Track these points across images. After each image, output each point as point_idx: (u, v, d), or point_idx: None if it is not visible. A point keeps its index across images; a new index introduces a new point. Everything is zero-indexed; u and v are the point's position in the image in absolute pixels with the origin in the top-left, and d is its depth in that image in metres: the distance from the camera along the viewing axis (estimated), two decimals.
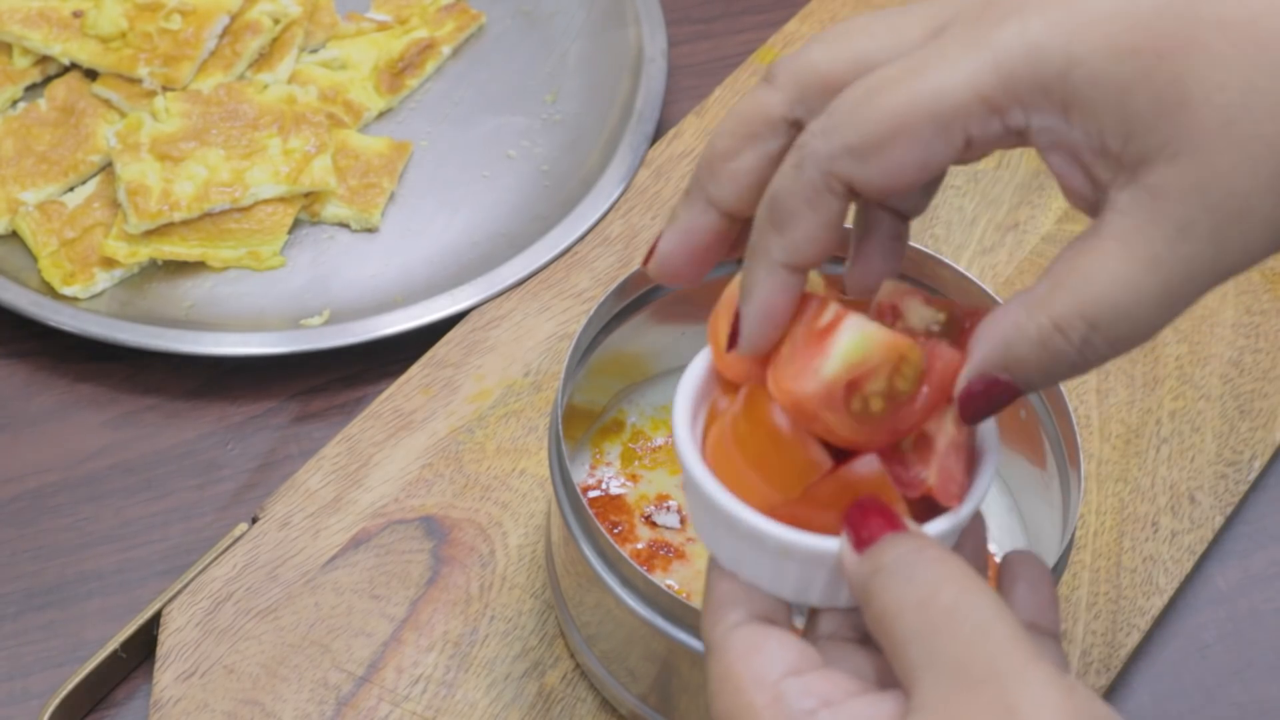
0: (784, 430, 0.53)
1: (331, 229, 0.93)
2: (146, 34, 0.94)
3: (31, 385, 0.86)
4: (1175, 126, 0.48)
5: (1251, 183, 0.48)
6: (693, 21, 1.04)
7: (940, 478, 0.53)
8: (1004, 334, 0.51)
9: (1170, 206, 0.49)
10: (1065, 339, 0.50)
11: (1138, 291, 0.49)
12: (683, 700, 0.70)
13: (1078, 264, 0.50)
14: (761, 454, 0.53)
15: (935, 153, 0.51)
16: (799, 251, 0.53)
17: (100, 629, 0.77)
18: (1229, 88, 0.48)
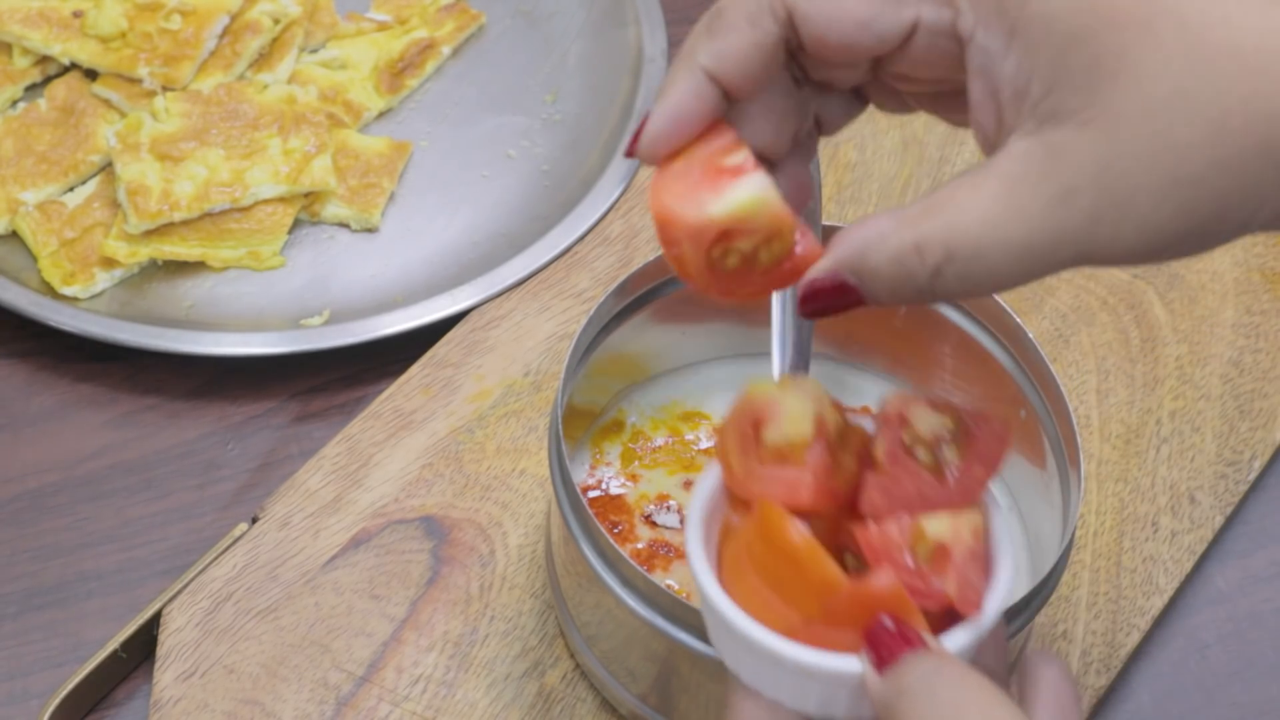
0: (801, 550, 0.53)
1: (331, 229, 0.93)
2: (146, 34, 0.94)
3: (31, 385, 0.86)
4: (1098, 95, 0.49)
5: (1143, 178, 0.49)
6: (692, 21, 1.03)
7: (960, 588, 0.53)
8: (865, 240, 0.51)
9: (1062, 168, 0.49)
10: (920, 261, 0.50)
11: (1002, 238, 0.49)
12: (683, 700, 0.70)
13: (956, 194, 0.50)
14: (778, 574, 0.53)
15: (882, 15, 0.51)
16: (723, 60, 0.53)
17: (100, 629, 0.77)
18: (1161, 81, 0.48)
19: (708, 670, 0.67)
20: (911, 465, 0.55)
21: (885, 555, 0.53)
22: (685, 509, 0.56)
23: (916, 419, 0.55)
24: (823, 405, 0.56)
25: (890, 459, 0.55)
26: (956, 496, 0.54)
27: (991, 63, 0.51)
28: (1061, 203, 0.49)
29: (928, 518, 0.54)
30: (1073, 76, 0.49)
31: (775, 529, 0.53)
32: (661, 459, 0.79)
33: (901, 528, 0.54)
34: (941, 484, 0.54)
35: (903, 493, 0.54)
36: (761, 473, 0.56)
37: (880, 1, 0.52)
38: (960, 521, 0.54)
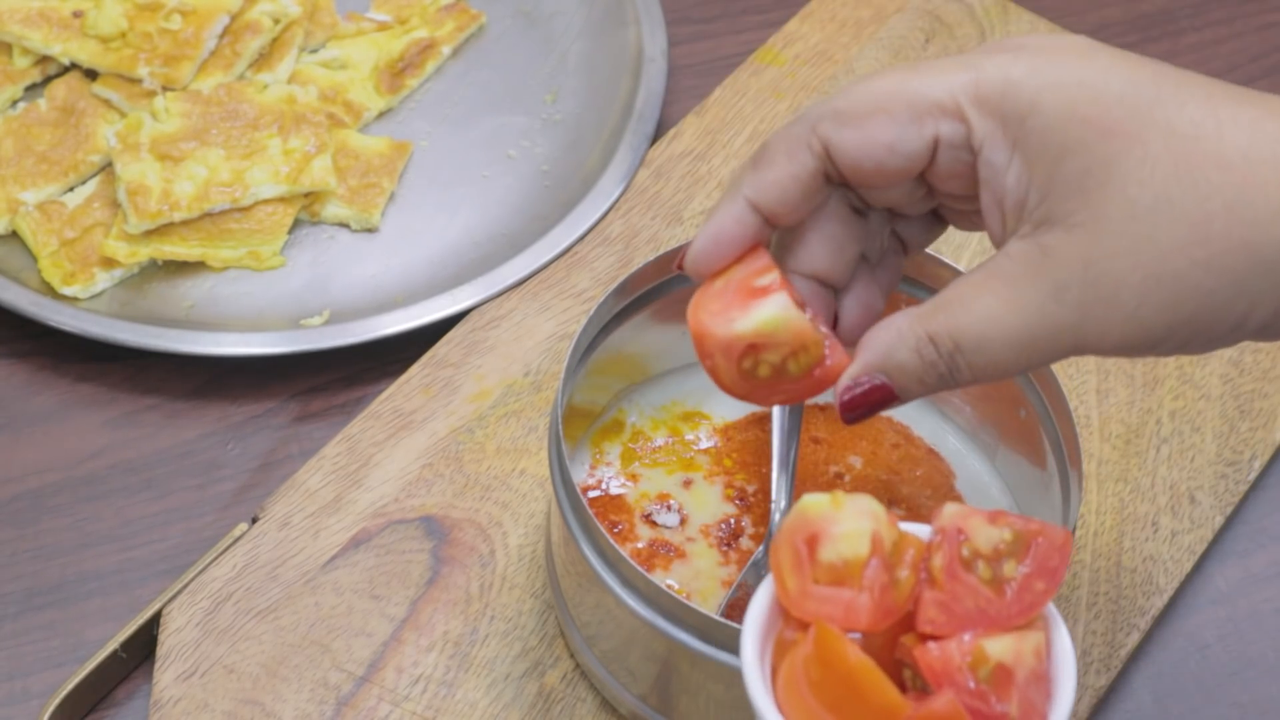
0: (860, 674, 0.52)
1: (331, 229, 0.93)
2: (146, 34, 0.94)
3: (31, 385, 0.86)
4: (1088, 201, 0.54)
5: (1128, 276, 0.53)
6: (693, 21, 1.04)
7: (1023, 710, 0.53)
8: (886, 340, 0.57)
9: (1053, 267, 0.54)
10: (936, 351, 0.56)
11: (1003, 331, 0.55)
12: (683, 700, 0.70)
13: (962, 291, 0.56)
14: (837, 697, 0.53)
15: (906, 137, 0.56)
16: (764, 191, 0.58)
17: (100, 629, 0.77)
18: (1147, 188, 0.53)
19: (708, 670, 0.67)
20: (971, 581, 0.55)
21: (946, 677, 0.53)
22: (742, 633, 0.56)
23: (974, 532, 0.55)
24: (879, 522, 0.55)
25: (949, 575, 0.55)
26: (1016, 612, 0.54)
27: (995, 175, 0.56)
28: (1053, 299, 0.54)
29: (989, 638, 0.54)
30: (1065, 185, 0.54)
31: (833, 652, 0.53)
32: (661, 459, 0.79)
33: (962, 648, 0.54)
34: (1001, 600, 0.54)
35: (962, 610, 0.54)
36: (817, 593, 0.55)
37: (903, 124, 0.57)
38: (1023, 642, 0.54)
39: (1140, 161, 0.53)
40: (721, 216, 0.59)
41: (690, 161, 0.94)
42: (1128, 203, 0.53)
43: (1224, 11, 1.06)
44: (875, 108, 0.57)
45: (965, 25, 1.01)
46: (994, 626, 0.54)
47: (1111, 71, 0.55)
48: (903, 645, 0.55)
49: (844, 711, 0.53)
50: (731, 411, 0.80)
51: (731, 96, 0.97)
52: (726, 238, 0.59)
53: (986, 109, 0.55)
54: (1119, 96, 0.54)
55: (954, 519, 0.56)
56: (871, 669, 0.52)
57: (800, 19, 1.02)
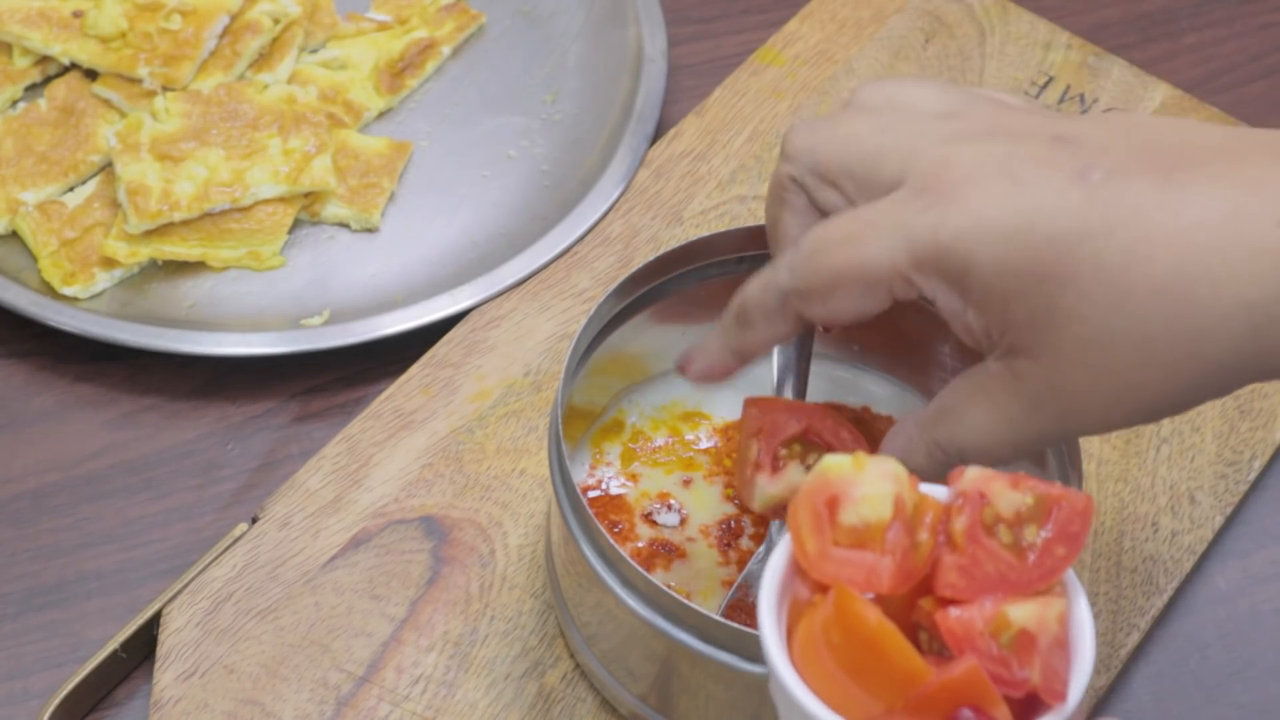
0: (883, 638, 0.52)
1: (331, 229, 0.93)
2: (146, 34, 0.94)
3: (31, 385, 0.86)
4: (1041, 337, 0.58)
5: (1090, 393, 0.58)
6: (693, 21, 1.04)
7: (1045, 676, 0.53)
8: (901, 448, 0.63)
9: (1027, 388, 0.60)
10: (945, 455, 0.62)
11: (996, 439, 0.61)
12: (683, 700, 0.70)
13: (956, 401, 0.62)
14: (858, 662, 0.53)
15: (866, 303, 0.62)
16: (750, 347, 0.67)
17: (100, 629, 0.77)
18: (1089, 322, 0.57)
19: (708, 670, 0.67)
20: (992, 545, 0.54)
21: (968, 642, 0.53)
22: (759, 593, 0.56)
23: (996, 496, 0.55)
24: (901, 484, 0.55)
25: (970, 539, 0.55)
26: (1038, 577, 0.54)
27: (957, 315, 0.60)
28: (1033, 411, 0.60)
29: (1012, 604, 0.53)
30: (1018, 326, 0.58)
31: (854, 615, 0.53)
32: (662, 459, 0.79)
33: (985, 613, 0.53)
34: (1023, 564, 0.54)
35: (983, 574, 0.54)
36: (837, 555, 0.55)
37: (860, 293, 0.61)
38: (1046, 608, 0.53)
39: (1077, 299, 0.57)
40: (713, 363, 0.68)
41: (690, 161, 0.94)
42: (1075, 338, 0.57)
43: (1224, 11, 1.06)
44: (832, 285, 0.61)
45: (965, 25, 1.01)
46: (1014, 591, 0.54)
47: (1037, 210, 0.57)
48: (921, 609, 0.55)
49: (863, 674, 0.53)
50: (732, 411, 0.80)
51: (731, 96, 0.97)
52: (719, 377, 0.69)
53: (927, 272, 0.59)
54: (1047, 238, 0.57)
55: (975, 482, 0.55)
56: (893, 633, 0.52)
57: (800, 19, 1.02)
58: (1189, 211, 0.56)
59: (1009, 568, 0.54)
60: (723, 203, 0.93)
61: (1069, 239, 0.57)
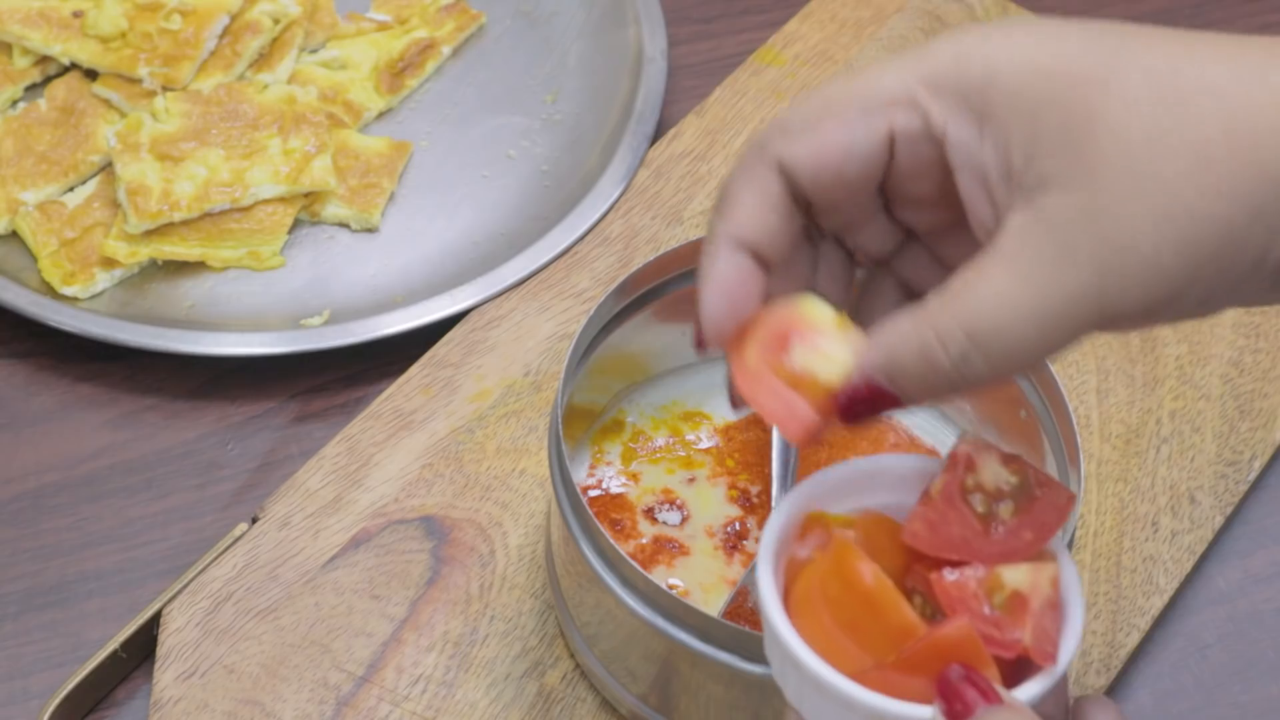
0: (877, 593, 0.53)
1: (331, 229, 0.93)
2: (146, 34, 0.94)
3: (31, 385, 0.86)
4: (1077, 154, 0.50)
5: (1139, 221, 0.49)
6: (693, 21, 1.04)
7: (1036, 637, 0.53)
8: (889, 343, 0.53)
9: (1057, 230, 0.50)
10: (944, 351, 0.51)
11: (1016, 310, 0.50)
12: (683, 700, 0.70)
13: (966, 279, 0.51)
14: (851, 616, 0.53)
15: (859, 137, 0.53)
16: (740, 226, 0.55)
17: (100, 629, 0.77)
18: (1135, 127, 0.49)
19: (708, 670, 0.67)
20: (963, 510, 0.55)
21: (961, 603, 0.53)
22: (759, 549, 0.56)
23: (983, 466, 0.55)
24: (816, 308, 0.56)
25: (944, 497, 0.55)
26: (996, 553, 0.54)
27: (970, 154, 0.52)
28: (1065, 262, 0.50)
29: (1006, 567, 0.54)
30: (1048, 143, 0.50)
31: (850, 570, 0.53)
32: (662, 459, 0.79)
33: (979, 575, 0.54)
34: (984, 536, 0.54)
35: (946, 532, 0.54)
36: (771, 382, 0.55)
37: (853, 124, 0.53)
38: (1039, 571, 0.54)
39: (1121, 101, 0.50)
40: (714, 272, 0.55)
41: (690, 161, 0.94)
42: (1119, 144, 0.50)
43: (1224, 11, 1.06)
44: (822, 113, 0.54)
45: (965, 25, 1.01)
46: (971, 556, 0.54)
47: (1065, 29, 0.52)
48: (916, 571, 0.55)
49: (858, 630, 0.53)
50: (732, 412, 0.80)
51: (731, 96, 0.97)
52: (729, 288, 0.55)
53: (942, 89, 0.52)
54: (1080, 47, 0.51)
55: (968, 447, 0.56)
56: (888, 588, 0.53)
57: (800, 19, 1.02)
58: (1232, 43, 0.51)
59: (973, 534, 0.54)
60: None
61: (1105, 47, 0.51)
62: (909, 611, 0.53)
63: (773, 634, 0.55)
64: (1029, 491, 0.55)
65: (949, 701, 0.51)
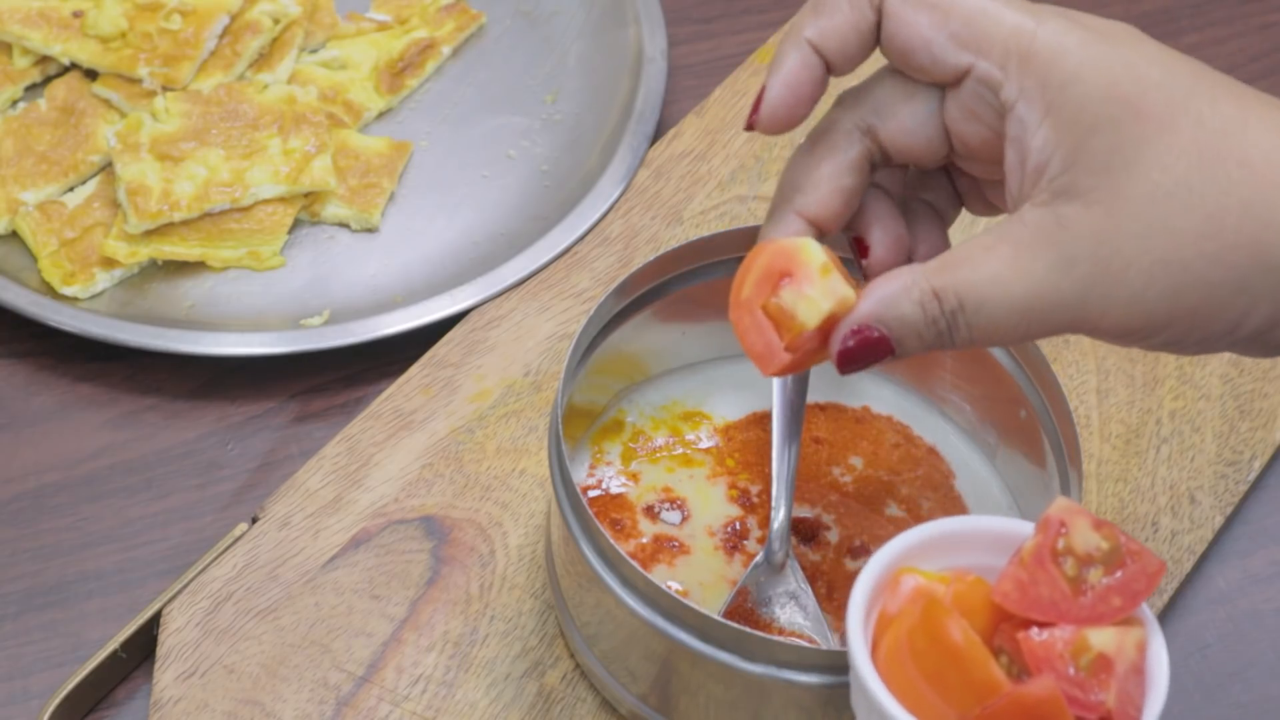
0: (964, 650, 0.54)
1: (331, 229, 0.93)
2: (146, 34, 0.94)
3: (31, 385, 0.86)
4: (1111, 180, 0.55)
5: (1136, 256, 0.55)
6: (693, 21, 1.04)
7: (1120, 700, 0.54)
8: (890, 292, 0.57)
9: (1067, 239, 0.55)
10: (939, 306, 0.56)
11: (1007, 294, 0.55)
12: (683, 700, 0.70)
13: (971, 251, 0.56)
14: (939, 670, 0.55)
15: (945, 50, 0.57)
16: (827, 35, 0.59)
17: (100, 629, 0.77)
18: (1170, 174, 0.54)
19: (708, 670, 0.67)
20: (1053, 572, 0.56)
21: (1048, 662, 0.54)
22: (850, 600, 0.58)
23: (1075, 531, 0.56)
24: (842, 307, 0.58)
25: (1035, 559, 0.56)
26: (1085, 617, 0.55)
27: (1024, 133, 0.56)
28: (1061, 270, 0.55)
29: (1093, 629, 0.55)
30: (1091, 159, 0.55)
31: (938, 624, 0.54)
32: (662, 458, 0.79)
33: (1065, 636, 0.55)
34: (1074, 600, 0.55)
35: (1036, 594, 0.56)
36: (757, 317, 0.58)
37: (946, 37, 0.57)
38: (1125, 636, 0.55)
39: (1168, 148, 0.54)
40: (788, 63, 0.59)
41: (690, 161, 0.94)
42: (1150, 185, 0.54)
43: (1224, 11, 1.06)
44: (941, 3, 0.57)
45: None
46: (1059, 619, 0.55)
47: (1154, 59, 0.56)
48: (1004, 631, 0.56)
49: (944, 684, 0.54)
50: (732, 411, 0.80)
51: (731, 96, 0.97)
52: (796, 83, 0.59)
53: (1031, 66, 0.56)
54: (1158, 82, 0.55)
55: (1062, 512, 0.57)
56: (975, 643, 0.54)
57: None
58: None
59: (1062, 598, 0.55)
60: (723, 203, 0.93)
61: (1177, 90, 0.55)
62: (995, 668, 0.54)
63: (860, 685, 0.56)
64: (1119, 557, 0.56)
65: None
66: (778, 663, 0.66)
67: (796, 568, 0.73)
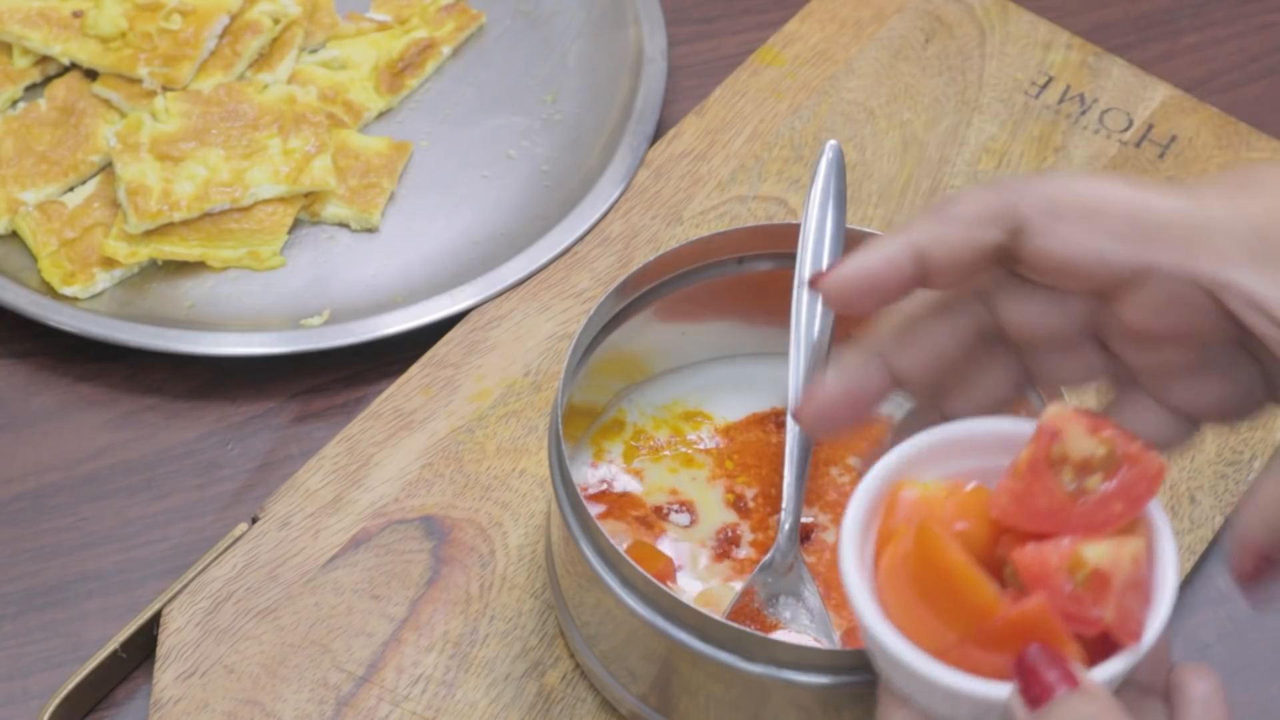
0: (957, 571, 0.53)
1: (331, 229, 0.93)
2: (146, 34, 0.94)
3: (31, 385, 0.86)
4: None
5: None
6: (693, 21, 1.04)
7: (1119, 615, 0.53)
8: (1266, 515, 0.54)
9: None
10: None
11: None
12: (683, 700, 0.70)
13: None
14: (934, 592, 0.54)
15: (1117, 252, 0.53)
16: (937, 247, 0.54)
17: (100, 629, 0.77)
18: None
19: (708, 670, 0.67)
20: (1049, 482, 0.54)
21: (1043, 579, 0.53)
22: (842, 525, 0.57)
23: (1070, 438, 0.55)
24: None
25: (1030, 469, 0.55)
26: (1085, 525, 0.54)
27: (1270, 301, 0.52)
28: None
29: (1087, 543, 0.53)
30: None
31: (931, 547, 0.54)
32: (662, 459, 0.79)
33: (1060, 551, 0.53)
34: (1072, 508, 0.54)
35: (1032, 506, 0.54)
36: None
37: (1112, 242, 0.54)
38: (1121, 548, 0.53)
39: None
40: (879, 254, 0.55)
41: (690, 161, 0.94)
42: None
43: (1224, 11, 1.06)
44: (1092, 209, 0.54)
45: (965, 25, 1.01)
46: (1059, 530, 0.54)
47: None
48: (1004, 543, 0.55)
49: (939, 605, 0.54)
50: (733, 411, 0.80)
51: (731, 96, 0.97)
52: (875, 276, 0.55)
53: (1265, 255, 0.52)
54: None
55: (1054, 420, 0.55)
56: (967, 568, 0.53)
57: (800, 19, 1.02)
58: None
59: (1060, 507, 0.54)
60: (723, 203, 0.93)
61: None
62: (988, 589, 0.53)
63: (856, 611, 0.55)
64: (1116, 462, 0.54)
65: (1027, 683, 0.52)
66: (778, 663, 0.66)
67: (804, 569, 0.73)
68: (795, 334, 0.74)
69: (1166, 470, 0.55)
